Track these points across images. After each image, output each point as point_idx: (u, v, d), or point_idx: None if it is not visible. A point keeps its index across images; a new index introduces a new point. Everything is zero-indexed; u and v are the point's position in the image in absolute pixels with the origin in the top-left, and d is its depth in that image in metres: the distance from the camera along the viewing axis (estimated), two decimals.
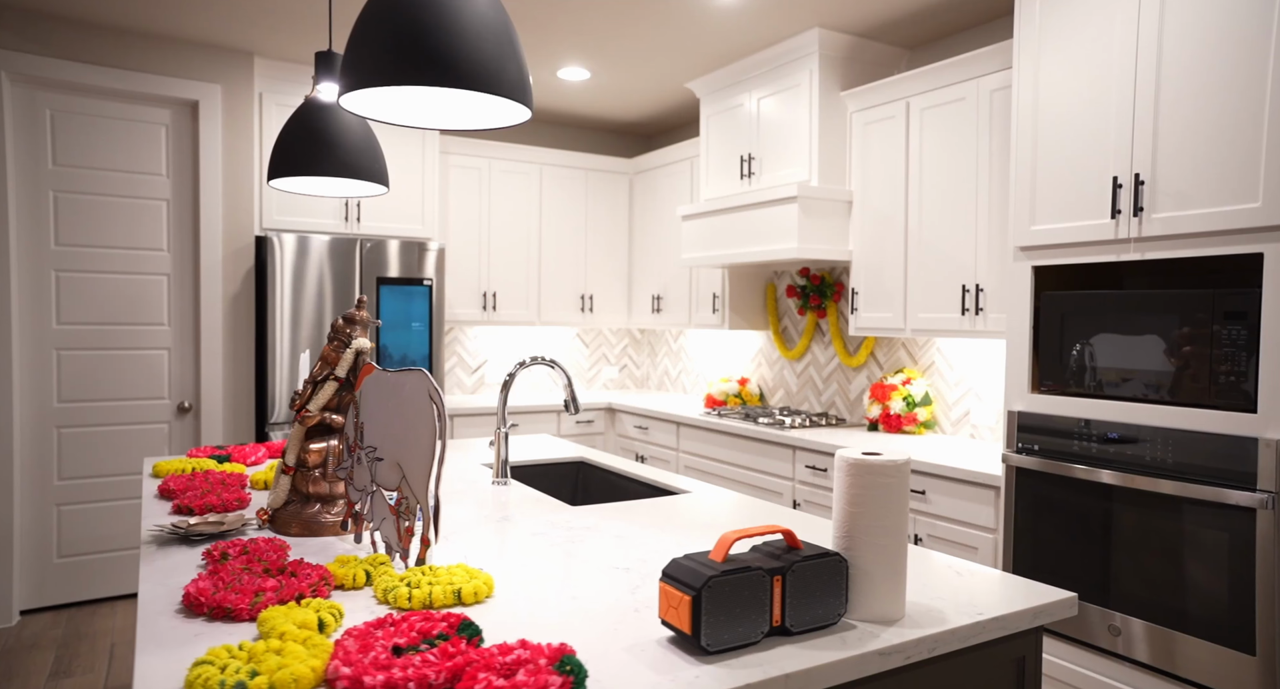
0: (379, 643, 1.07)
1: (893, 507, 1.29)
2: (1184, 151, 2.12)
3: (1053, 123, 2.45)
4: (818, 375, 4.20)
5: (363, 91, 1.33)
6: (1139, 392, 2.23)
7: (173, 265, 3.85)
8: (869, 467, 1.29)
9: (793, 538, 1.28)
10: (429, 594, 1.31)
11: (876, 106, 3.45)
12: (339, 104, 1.35)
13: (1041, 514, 2.45)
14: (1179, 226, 2.13)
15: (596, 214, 5.13)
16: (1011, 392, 2.56)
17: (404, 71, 1.25)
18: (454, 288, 4.66)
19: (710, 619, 1.14)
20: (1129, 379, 2.24)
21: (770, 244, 3.62)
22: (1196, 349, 2.10)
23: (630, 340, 5.70)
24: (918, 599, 1.39)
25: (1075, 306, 2.38)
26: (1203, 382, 2.09)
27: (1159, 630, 2.17)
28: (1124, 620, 2.25)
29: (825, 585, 1.25)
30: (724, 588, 1.15)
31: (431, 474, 1.45)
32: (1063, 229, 2.41)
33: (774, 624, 1.21)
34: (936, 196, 3.18)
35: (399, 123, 1.43)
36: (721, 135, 4.16)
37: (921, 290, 3.24)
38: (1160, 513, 2.16)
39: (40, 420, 3.64)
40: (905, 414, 3.50)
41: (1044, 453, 2.46)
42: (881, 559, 1.28)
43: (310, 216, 4.11)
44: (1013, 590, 1.44)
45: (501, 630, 1.23)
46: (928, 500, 2.88)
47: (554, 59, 3.98)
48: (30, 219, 3.58)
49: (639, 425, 4.60)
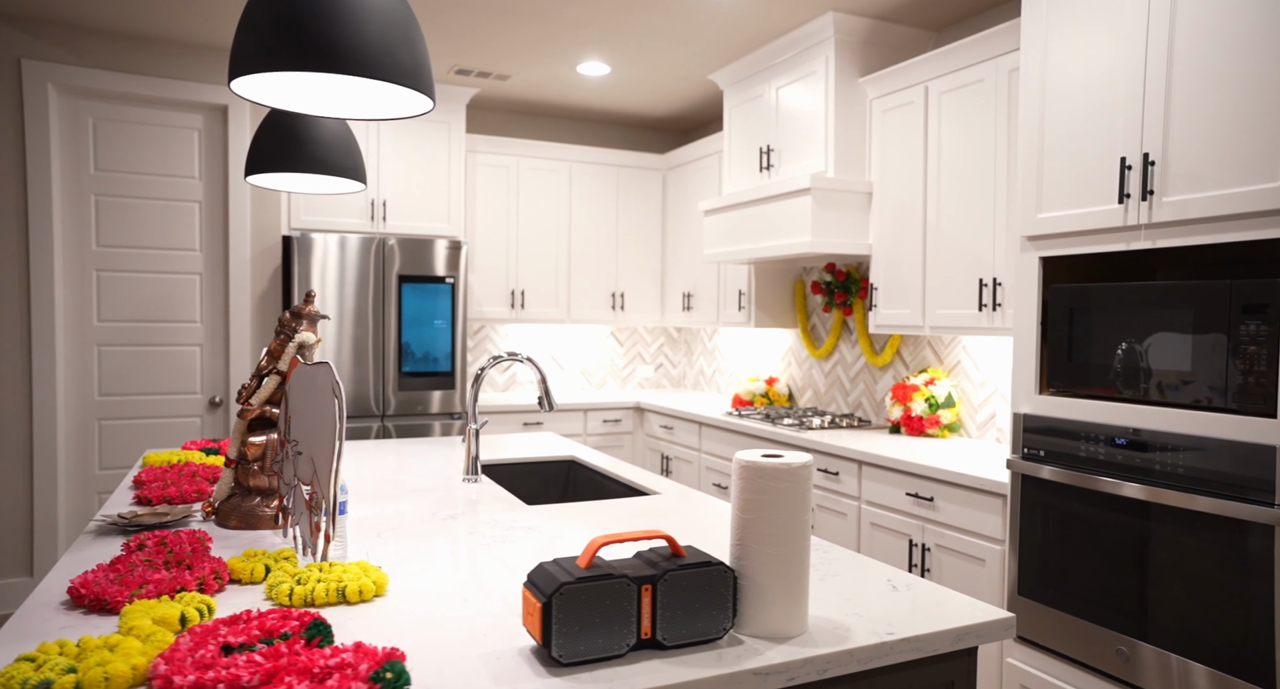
0: (214, 641, 1.05)
1: (787, 514, 1.19)
2: (1198, 128, 1.92)
3: (1060, 102, 2.26)
4: (845, 375, 4.04)
5: (250, 77, 1.31)
6: (1149, 393, 2.03)
7: (204, 265, 3.99)
8: (761, 470, 1.19)
9: (675, 544, 1.20)
10: (311, 591, 1.29)
11: (895, 92, 3.28)
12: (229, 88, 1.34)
13: (1048, 525, 2.27)
14: (1192, 211, 1.93)
15: (628, 211, 5.08)
16: (1018, 392, 2.38)
17: (285, 58, 1.22)
18: (481, 286, 4.69)
19: (563, 628, 1.07)
20: (1139, 379, 2.05)
21: (785, 238, 3.49)
22: (1211, 346, 1.90)
23: (666, 339, 5.62)
24: (831, 614, 1.29)
25: (1083, 300, 2.19)
26: (1218, 382, 1.89)
27: (1169, 657, 1.97)
28: (1132, 645, 2.05)
29: (707, 597, 1.16)
30: (579, 595, 1.08)
31: (332, 468, 1.42)
32: (1069, 216, 2.22)
33: (643, 636, 1.12)
34: (954, 185, 3.00)
35: (294, 109, 1.41)
36: (742, 127, 4.04)
37: (940, 285, 3.07)
38: (1170, 527, 1.96)
39: (83, 413, 3.82)
40: (927, 416, 3.32)
41: (1049, 459, 2.27)
42: (774, 570, 1.19)
43: (336, 216, 4.19)
44: (946, 608, 1.32)
45: (372, 630, 1.19)
46: (935, 508, 2.71)
47: (572, 54, 3.95)
48: (73, 222, 3.77)
49: (664, 425, 4.52)
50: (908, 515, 2.83)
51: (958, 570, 2.63)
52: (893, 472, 2.89)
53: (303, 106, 1.41)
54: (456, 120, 4.47)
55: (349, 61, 1.24)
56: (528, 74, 4.28)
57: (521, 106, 4.97)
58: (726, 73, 4.08)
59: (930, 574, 2.73)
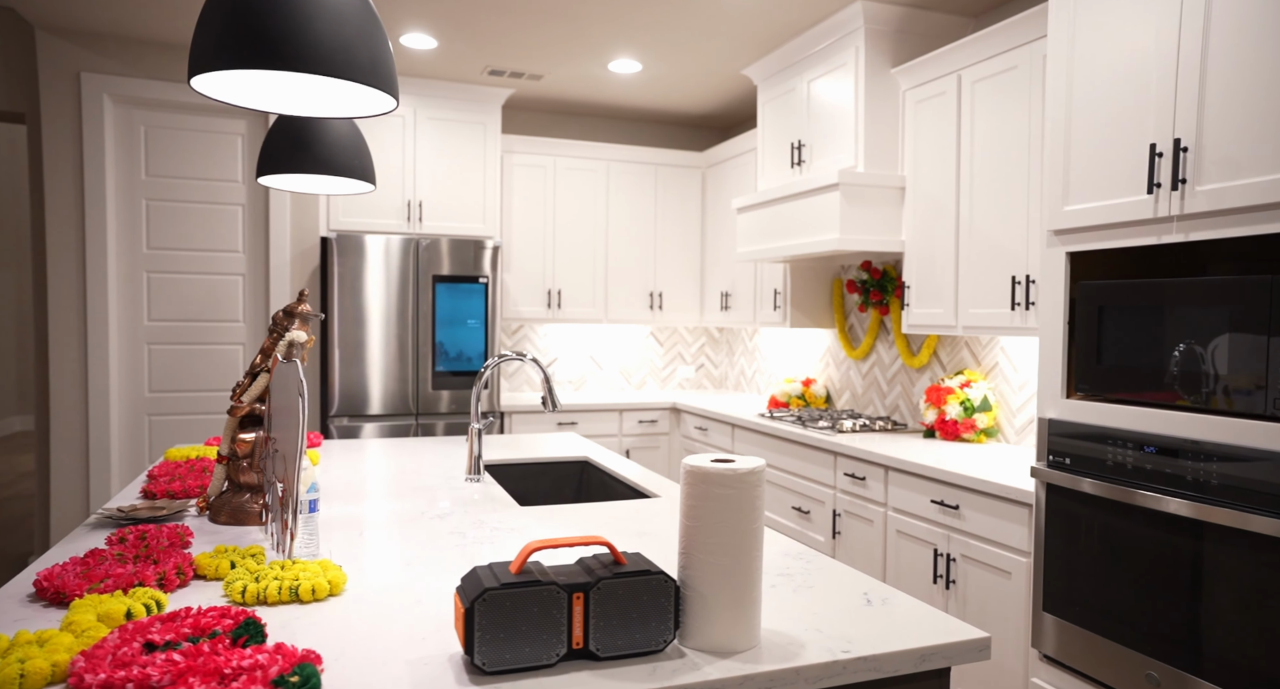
0: (141, 639, 1.05)
1: (733, 522, 1.13)
2: (1234, 110, 1.77)
3: (1088, 86, 2.12)
4: (882, 377, 3.91)
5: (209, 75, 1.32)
6: (1182, 398, 1.88)
7: (247, 266, 4.12)
8: (705, 475, 1.13)
9: (616, 551, 1.15)
10: (264, 589, 1.29)
11: (927, 83, 3.15)
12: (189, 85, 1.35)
13: (1075, 537, 2.13)
14: (1227, 200, 1.78)
15: (667, 209, 5.03)
16: (1044, 396, 2.24)
17: (239, 56, 1.22)
18: (517, 285, 4.71)
19: (486, 636, 1.04)
20: (1171, 383, 1.90)
21: (813, 235, 3.39)
22: (1251, 347, 1.74)
23: (708, 339, 5.55)
24: (790, 628, 1.22)
25: (1112, 298, 2.04)
26: (1257, 387, 1.74)
27: (1200, 685, 1.82)
28: (1165, 671, 1.91)
29: (646, 607, 1.11)
30: (504, 602, 1.05)
31: (296, 466, 1.42)
32: (1097, 209, 2.08)
33: (575, 646, 1.08)
34: (987, 179, 2.86)
35: (253, 106, 1.41)
36: (775, 123, 3.95)
37: (972, 283, 2.93)
38: (1202, 543, 1.81)
39: (134, 409, 3.98)
40: (962, 420, 3.17)
41: (1076, 467, 2.13)
42: (719, 581, 1.13)
43: (373, 217, 4.27)
44: (919, 627, 1.24)
45: (313, 631, 1.18)
46: (961, 516, 2.58)
47: (603, 52, 3.93)
48: (126, 225, 3.93)
49: (699, 426, 4.46)
50: (934, 523, 2.71)
51: (983, 583, 2.50)
52: (918, 477, 2.77)
53: (263, 104, 1.41)
54: (492, 121, 4.50)
55: (302, 59, 1.23)
56: (560, 73, 4.28)
57: (558, 106, 4.98)
58: (759, 67, 4.00)
59: (956, 586, 2.61)
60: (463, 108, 4.44)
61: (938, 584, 2.69)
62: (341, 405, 4.05)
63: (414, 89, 4.33)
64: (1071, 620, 2.13)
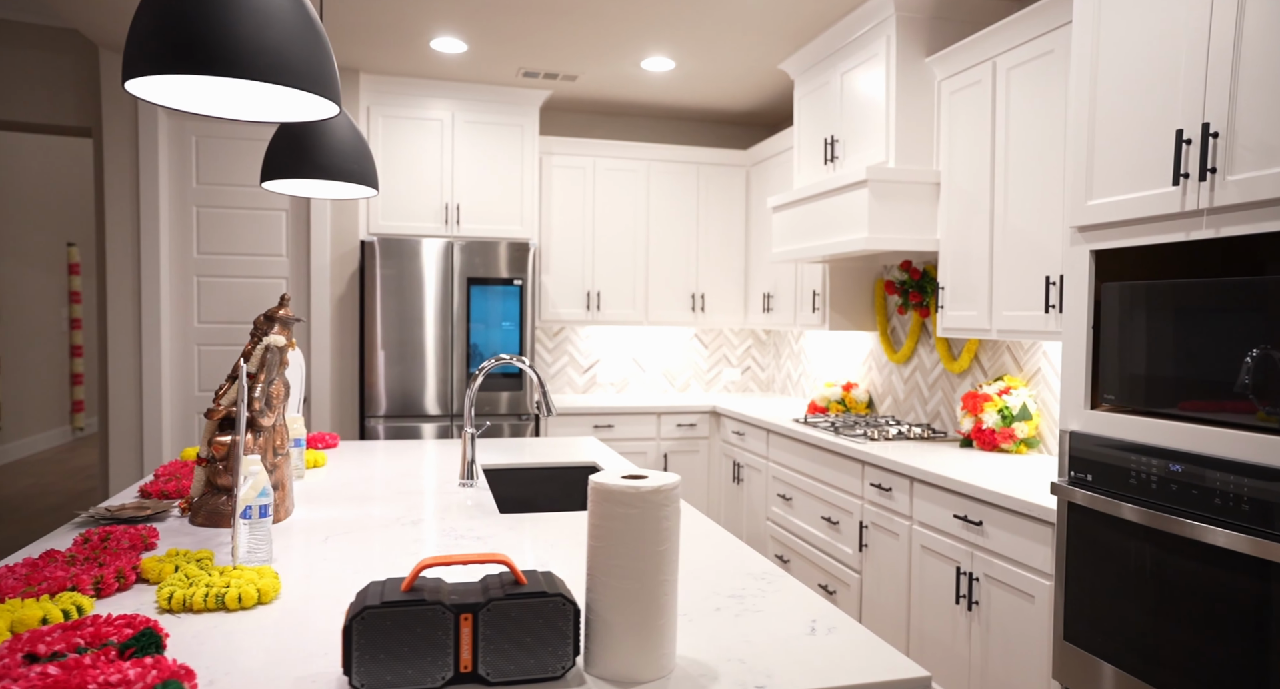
0: (25, 649, 1.05)
1: (635, 544, 1.05)
2: (1271, 89, 1.58)
3: (1114, 69, 1.94)
4: (924, 382, 3.72)
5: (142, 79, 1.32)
6: (1212, 412, 1.69)
7: (290, 269, 4.23)
8: (607, 493, 1.06)
9: (516, 570, 1.09)
10: (190, 596, 1.28)
11: (962, 72, 2.97)
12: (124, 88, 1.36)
13: (1097, 561, 1.95)
14: (1261, 191, 1.59)
15: (709, 209, 4.93)
16: (1067, 406, 2.07)
17: (168, 60, 1.22)
18: (557, 287, 4.70)
19: (365, 656, 0.99)
20: (1203, 395, 1.71)
21: (842, 234, 3.25)
22: None
23: (754, 341, 5.42)
24: (712, 658, 1.13)
25: (1140, 300, 1.86)
26: None
27: None
28: None
29: (542, 631, 1.05)
30: (384, 621, 1.00)
31: (237, 471, 1.42)
32: (1121, 203, 1.90)
33: (463, 670, 1.03)
34: (1021, 172, 2.67)
35: (189, 110, 1.41)
36: (810, 118, 3.81)
37: (1006, 284, 2.74)
38: (1230, 575, 1.63)
39: (185, 408, 4.14)
40: (1000, 429, 2.98)
41: (1098, 485, 1.96)
42: (622, 606, 1.06)
43: (411, 220, 4.33)
44: (854, 662, 1.13)
45: (225, 640, 1.16)
46: (984, 533, 2.42)
47: (634, 50, 3.87)
48: (179, 231, 4.10)
49: (737, 431, 4.35)
50: (957, 540, 2.55)
51: (1007, 606, 2.33)
52: (942, 491, 2.61)
53: (199, 107, 1.41)
54: (530, 123, 4.50)
55: (228, 63, 1.22)
56: (594, 73, 4.24)
57: (598, 107, 4.95)
58: (795, 61, 3.87)
59: (978, 608, 2.44)
60: (500, 110, 4.46)
61: (960, 605, 2.52)
62: (378, 406, 4.12)
63: (451, 92, 4.37)
64: (1094, 652, 1.96)
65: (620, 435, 4.52)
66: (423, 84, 4.32)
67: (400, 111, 4.32)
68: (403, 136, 4.33)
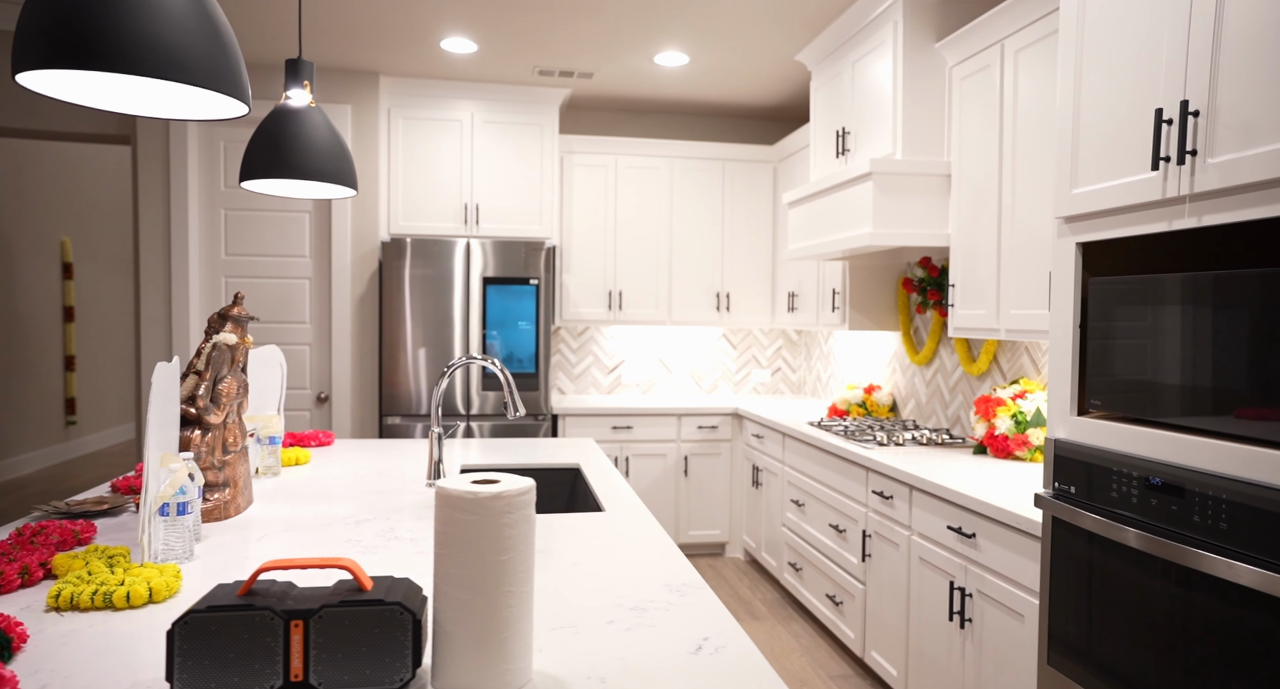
0: None
1: (476, 553, 1.00)
2: (1254, 62, 1.42)
3: (1100, 45, 1.78)
4: (945, 384, 3.54)
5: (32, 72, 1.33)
6: (1198, 421, 1.53)
7: (313, 269, 4.31)
8: (447, 498, 1.01)
9: (360, 576, 1.05)
10: (77, 594, 1.28)
11: (971, 57, 2.81)
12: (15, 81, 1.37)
13: (1080, 581, 1.80)
14: (1244, 173, 1.43)
15: (735, 206, 4.83)
16: (1054, 412, 1.92)
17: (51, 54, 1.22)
18: (577, 287, 4.67)
19: (188, 662, 0.97)
20: (1193, 402, 1.55)
21: (848, 230, 3.12)
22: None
23: (785, 342, 5.29)
24: (571, 675, 1.07)
25: (1127, 296, 1.71)
26: None
27: None
28: None
29: (378, 641, 1.00)
30: (209, 626, 0.97)
31: (146, 469, 1.42)
32: (1104, 191, 1.75)
33: (293, 679, 0.99)
34: (1029, 162, 2.51)
35: (86, 104, 1.41)
36: (825, 110, 3.68)
37: (1014, 280, 2.58)
38: (1215, 602, 1.47)
39: None
40: (1014, 435, 2.80)
41: (1079, 498, 1.80)
42: (463, 617, 1.00)
43: (431, 221, 4.36)
44: (728, 687, 1.05)
45: (91, 642, 1.16)
46: (978, 547, 2.27)
47: (646, 45, 3.81)
48: (208, 234, 4.23)
49: (756, 434, 4.24)
50: (952, 552, 2.40)
51: (999, 625, 2.18)
52: (937, 499, 2.47)
53: (95, 101, 1.41)
54: (549, 122, 4.48)
55: (114, 59, 1.21)
56: (608, 70, 4.19)
57: (619, 105, 4.90)
58: (810, 52, 3.74)
59: (971, 625, 2.29)
60: (519, 110, 4.45)
61: (953, 622, 2.37)
62: (394, 405, 4.16)
63: (470, 93, 4.39)
64: (1076, 680, 1.80)
65: (639, 437, 4.46)
66: (442, 85, 4.35)
67: (420, 113, 4.36)
68: (423, 138, 4.37)
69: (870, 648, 2.92)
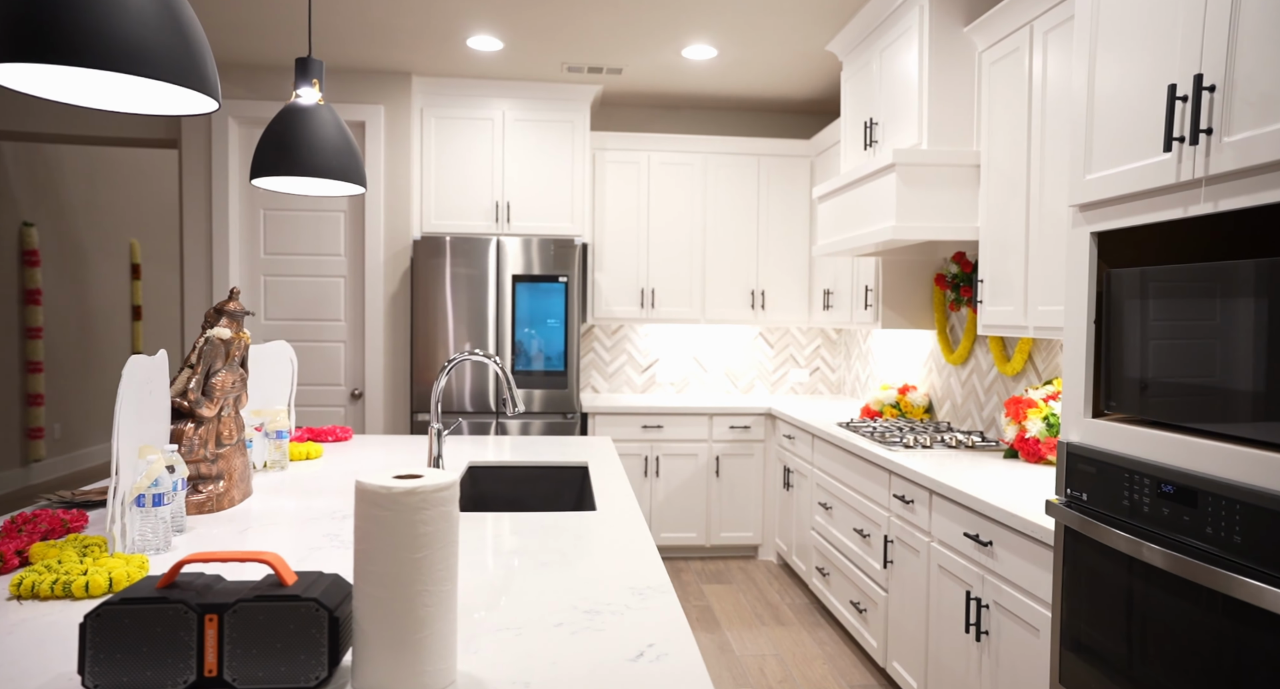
0: None
1: (391, 550, 0.97)
2: (1276, 29, 1.29)
3: (1114, 22, 1.66)
4: (980, 385, 3.39)
5: None
6: (1219, 426, 1.41)
7: (348, 268, 4.39)
8: (364, 493, 0.98)
9: (281, 571, 1.03)
10: (38, 582, 1.30)
11: (1000, 41, 2.67)
12: None
13: (1092, 595, 1.68)
14: (1262, 152, 1.30)
15: (772, 202, 4.73)
16: (1067, 414, 1.80)
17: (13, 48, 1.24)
18: (610, 285, 4.64)
19: (100, 655, 0.96)
20: (1216, 404, 1.43)
21: (872, 224, 3.01)
22: None
23: (824, 341, 5.16)
24: (498, 680, 1.03)
25: (1146, 289, 1.58)
26: None
27: None
28: None
29: (293, 637, 0.98)
30: (121, 618, 0.96)
31: (115, 461, 1.43)
32: (1117, 175, 1.63)
33: (207, 674, 0.98)
34: (1057, 148, 2.37)
35: (54, 98, 1.43)
36: (854, 101, 3.56)
37: (1043, 275, 2.44)
38: (1231, 621, 1.34)
39: None
40: (1045, 439, 2.66)
41: (1092, 507, 1.68)
42: (378, 616, 0.97)
43: (462, 219, 4.39)
44: None
45: (40, 633, 1.17)
46: (994, 555, 2.15)
47: (673, 38, 3.75)
48: (248, 233, 4.34)
49: (788, 435, 4.14)
50: (970, 560, 2.28)
51: (1015, 638, 2.06)
52: (955, 505, 2.35)
53: (63, 96, 1.42)
54: (580, 119, 4.47)
55: (74, 52, 1.22)
56: (637, 65, 4.15)
57: (651, 101, 4.85)
58: (839, 41, 3.63)
59: (988, 638, 2.17)
60: (550, 107, 4.45)
61: (969, 634, 2.26)
62: (425, 401, 4.20)
63: (501, 92, 4.40)
64: None
65: (670, 436, 4.41)
66: (473, 84, 4.37)
67: (452, 112, 4.39)
68: (454, 136, 4.40)
69: (892, 658, 2.81)
